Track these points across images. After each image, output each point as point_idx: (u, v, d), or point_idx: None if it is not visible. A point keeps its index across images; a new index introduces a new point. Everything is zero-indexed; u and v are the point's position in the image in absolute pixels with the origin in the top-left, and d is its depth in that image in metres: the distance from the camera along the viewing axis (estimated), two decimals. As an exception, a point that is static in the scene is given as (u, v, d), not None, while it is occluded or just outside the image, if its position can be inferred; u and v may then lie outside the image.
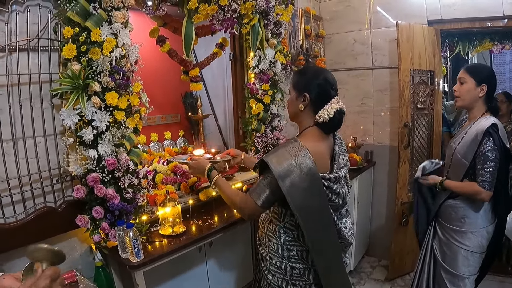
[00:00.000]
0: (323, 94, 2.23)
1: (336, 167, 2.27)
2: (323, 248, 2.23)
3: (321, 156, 2.19)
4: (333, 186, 2.18)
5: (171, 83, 4.54)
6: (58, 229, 2.45)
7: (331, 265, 2.30)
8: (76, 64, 2.23)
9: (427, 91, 4.73)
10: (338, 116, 2.20)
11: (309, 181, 2.08)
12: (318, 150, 2.19)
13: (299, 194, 2.08)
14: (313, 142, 2.22)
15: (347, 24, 5.30)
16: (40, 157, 2.38)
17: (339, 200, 2.23)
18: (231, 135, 4.35)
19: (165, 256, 2.54)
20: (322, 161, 2.18)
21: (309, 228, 2.15)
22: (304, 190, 2.08)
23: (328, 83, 2.26)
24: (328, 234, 2.23)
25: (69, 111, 2.23)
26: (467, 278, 3.02)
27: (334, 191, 2.18)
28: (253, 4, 3.13)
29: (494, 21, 4.44)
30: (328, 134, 2.31)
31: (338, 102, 2.21)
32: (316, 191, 2.12)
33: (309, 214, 2.13)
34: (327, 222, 2.20)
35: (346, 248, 2.46)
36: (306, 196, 2.10)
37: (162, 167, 3.39)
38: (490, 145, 2.76)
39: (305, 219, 2.13)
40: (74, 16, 2.19)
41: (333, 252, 2.29)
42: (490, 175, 2.77)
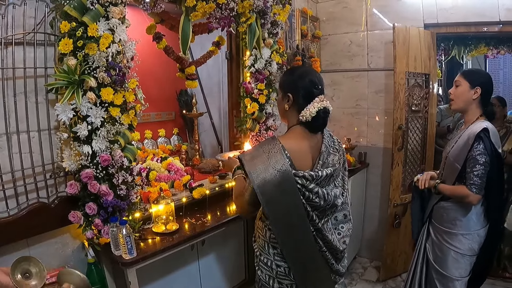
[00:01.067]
0: (306, 94, 2.23)
1: (319, 165, 2.25)
2: (292, 247, 2.23)
3: (299, 154, 2.20)
4: (309, 185, 2.14)
5: (166, 80, 4.55)
6: (50, 225, 2.44)
7: (303, 265, 2.28)
8: (72, 59, 2.22)
9: (422, 94, 4.74)
10: (322, 115, 2.21)
11: (281, 177, 2.09)
12: (296, 148, 2.20)
13: (269, 190, 2.09)
14: (292, 140, 2.24)
15: (344, 25, 5.30)
16: (34, 152, 2.36)
17: (320, 201, 2.17)
18: (225, 133, 4.35)
19: (158, 253, 2.53)
20: (300, 159, 2.20)
21: (277, 224, 2.18)
22: (275, 186, 2.09)
23: (312, 83, 2.25)
24: (298, 233, 2.20)
25: (64, 106, 2.22)
26: (457, 280, 3.02)
27: (311, 190, 2.14)
28: (250, 3, 3.13)
29: (490, 26, 4.45)
30: (313, 133, 2.29)
31: (322, 101, 2.21)
32: (288, 187, 2.11)
33: (278, 211, 2.15)
34: (298, 221, 2.17)
35: (337, 255, 2.39)
36: (277, 192, 2.10)
37: (156, 165, 3.39)
38: (480, 149, 2.78)
39: (275, 217, 2.15)
40: (71, 11, 2.17)
41: (305, 252, 2.25)
42: (478, 178, 2.78)
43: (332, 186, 2.32)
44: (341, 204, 2.38)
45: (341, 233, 2.38)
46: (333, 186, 2.32)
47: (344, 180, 2.44)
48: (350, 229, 2.44)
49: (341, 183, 2.39)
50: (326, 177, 2.23)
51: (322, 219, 2.28)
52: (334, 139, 2.44)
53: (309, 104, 2.20)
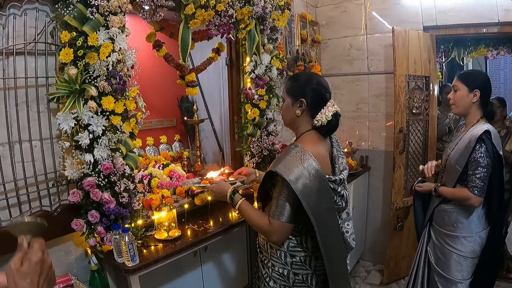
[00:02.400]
0: (319, 98, 2.26)
1: (338, 169, 2.30)
2: (333, 253, 2.24)
3: (323, 159, 2.22)
4: (338, 188, 2.21)
5: (167, 88, 4.55)
6: (53, 233, 2.44)
7: (339, 270, 2.31)
8: (73, 68, 2.23)
9: (422, 96, 4.75)
10: (335, 119, 2.24)
11: (319, 183, 2.11)
12: (319, 153, 2.21)
13: (312, 196, 2.09)
14: (314, 145, 2.24)
15: (343, 29, 5.32)
16: (36, 161, 2.37)
17: (342, 203, 2.26)
18: (226, 139, 4.35)
19: (161, 260, 2.54)
20: (324, 164, 2.21)
21: (321, 232, 2.13)
22: (315, 192, 2.10)
23: (323, 87, 2.28)
24: (337, 237, 2.27)
25: (65, 115, 2.23)
26: (459, 282, 3.02)
27: (339, 193, 2.22)
28: (249, 9, 3.14)
29: (489, 27, 4.47)
30: (325, 137, 2.34)
31: (334, 105, 2.25)
32: (326, 192, 2.15)
33: (322, 217, 2.14)
34: (336, 225, 2.24)
35: (347, 253, 2.47)
36: (318, 198, 2.12)
37: (158, 172, 3.39)
38: (482, 152, 2.78)
39: (319, 222, 2.11)
40: (71, 21, 2.19)
41: (341, 256, 2.32)
42: (480, 181, 2.79)
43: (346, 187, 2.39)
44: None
45: (348, 230, 2.43)
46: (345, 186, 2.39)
47: (346, 181, 2.44)
48: (353, 226, 2.50)
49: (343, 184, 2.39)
50: (345, 180, 2.33)
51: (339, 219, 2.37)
52: (339, 143, 2.50)
53: (323, 108, 2.22)
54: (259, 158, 3.81)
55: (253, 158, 3.81)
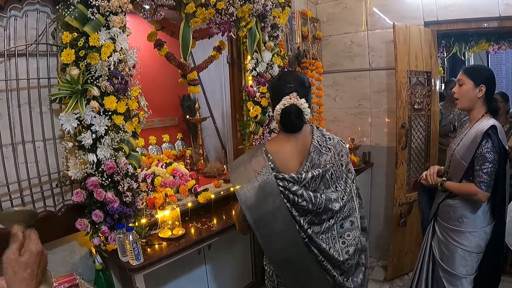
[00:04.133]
0: (276, 94, 2.19)
1: (307, 167, 2.12)
2: (279, 256, 2.15)
3: (282, 156, 2.14)
4: (292, 187, 2.03)
5: (169, 86, 4.57)
6: (58, 233, 2.46)
7: (295, 276, 2.16)
8: (74, 69, 2.24)
9: (424, 92, 4.74)
10: (291, 112, 2.09)
11: (261, 180, 2.05)
12: (278, 151, 2.16)
13: (251, 194, 2.06)
14: (275, 143, 2.22)
15: (344, 25, 5.31)
16: (39, 162, 2.38)
17: (307, 204, 2.03)
18: (229, 137, 4.35)
19: (165, 259, 2.55)
20: (284, 162, 2.14)
21: (259, 229, 2.08)
22: (256, 189, 2.05)
23: (283, 82, 2.20)
24: (284, 239, 2.08)
25: (68, 116, 2.24)
26: (464, 277, 3.02)
27: (295, 192, 2.03)
28: (250, 7, 3.14)
29: (490, 21, 4.45)
30: (291, 132, 2.18)
31: (291, 98, 2.09)
32: (269, 190, 2.04)
33: (260, 216, 2.06)
34: (283, 226, 2.05)
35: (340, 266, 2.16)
36: (258, 196, 2.05)
37: (161, 170, 3.40)
38: (488, 147, 2.77)
39: (256, 222, 2.07)
40: (73, 21, 2.20)
41: (295, 261, 2.13)
42: (487, 176, 2.78)
43: (332, 190, 2.17)
44: (347, 209, 2.20)
45: (345, 241, 2.17)
46: (333, 189, 2.17)
47: (348, 183, 2.25)
48: (357, 237, 2.20)
49: (343, 186, 2.21)
50: (314, 179, 2.10)
51: (319, 225, 2.13)
52: (328, 138, 2.27)
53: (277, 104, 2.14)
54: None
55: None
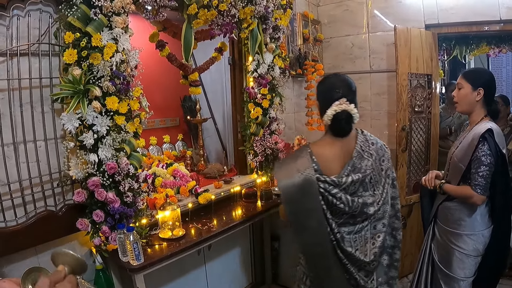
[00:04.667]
0: (326, 99, 2.22)
1: (347, 171, 2.20)
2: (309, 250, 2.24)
3: (326, 159, 2.21)
4: (332, 190, 2.12)
5: (170, 87, 4.57)
6: (58, 232, 2.46)
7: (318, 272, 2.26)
8: (77, 69, 2.25)
9: (425, 94, 4.74)
10: (342, 118, 2.16)
11: (303, 180, 2.11)
12: (323, 153, 2.22)
13: (291, 191, 2.14)
14: (321, 146, 2.27)
15: (345, 28, 5.31)
16: (40, 161, 2.39)
17: (344, 207, 2.13)
18: (229, 138, 4.35)
19: (165, 259, 2.56)
20: (327, 164, 2.20)
21: (295, 224, 2.20)
22: (297, 187, 2.12)
23: (332, 87, 2.24)
24: (315, 236, 2.17)
25: (69, 116, 2.25)
26: (461, 280, 3.02)
27: (334, 195, 2.12)
28: (252, 9, 3.15)
29: (491, 25, 4.46)
30: (339, 137, 2.24)
31: (341, 104, 2.15)
32: (309, 190, 2.12)
33: (297, 211, 2.18)
34: (316, 224, 2.15)
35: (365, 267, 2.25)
36: (298, 194, 2.13)
37: (162, 171, 3.40)
38: (484, 150, 2.78)
39: (293, 216, 2.19)
40: (75, 21, 2.21)
41: (321, 258, 2.20)
42: (483, 179, 2.79)
43: (370, 193, 2.25)
44: (381, 212, 2.28)
45: (375, 242, 2.26)
46: (370, 192, 2.26)
47: (385, 188, 2.31)
48: (385, 239, 2.32)
49: (381, 190, 2.29)
50: (353, 183, 2.18)
51: (354, 225, 2.24)
52: (371, 143, 2.33)
53: (328, 109, 2.17)
54: (262, 157, 3.83)
55: (256, 157, 3.83)
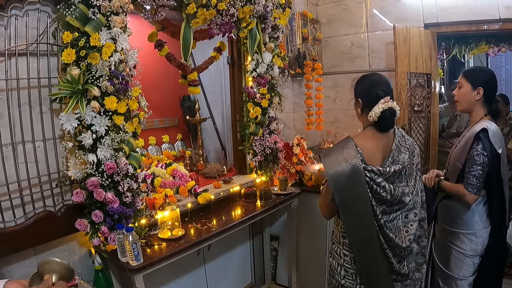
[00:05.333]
0: (372, 97, 2.36)
1: (388, 162, 2.36)
2: (356, 235, 2.37)
3: (370, 151, 2.35)
4: (377, 179, 2.27)
5: (169, 87, 4.56)
6: (57, 233, 2.45)
7: (366, 256, 2.39)
8: (75, 68, 2.24)
9: (424, 93, 4.75)
10: (388, 115, 2.32)
11: (351, 169, 2.25)
12: (367, 146, 2.36)
13: (341, 180, 2.27)
14: (363, 139, 2.41)
15: (344, 27, 5.31)
16: (39, 161, 2.38)
17: (386, 195, 2.28)
18: (229, 138, 4.35)
19: (164, 259, 2.55)
20: (371, 156, 2.34)
21: (345, 213, 2.32)
22: (345, 176, 2.26)
23: (376, 86, 2.39)
24: (363, 222, 2.31)
25: (68, 116, 2.24)
26: (459, 279, 3.01)
27: (379, 184, 2.27)
28: (251, 8, 3.15)
29: (490, 24, 4.46)
30: (383, 132, 2.41)
31: (387, 102, 2.31)
32: (357, 179, 2.25)
33: (346, 199, 2.29)
34: (364, 211, 2.29)
35: (401, 252, 2.43)
36: (347, 183, 2.26)
37: (161, 171, 3.39)
38: (478, 150, 2.80)
39: (342, 203, 2.29)
40: (73, 21, 2.20)
41: (368, 243, 2.35)
42: (475, 178, 2.80)
43: (404, 184, 2.41)
44: (412, 202, 2.44)
45: (408, 230, 2.43)
46: (404, 184, 2.42)
47: (417, 180, 2.49)
48: (418, 228, 2.47)
49: (413, 182, 2.46)
50: (394, 173, 2.33)
51: (389, 214, 2.38)
52: (406, 139, 2.52)
53: (375, 105, 2.33)
54: (262, 156, 3.83)
55: (255, 157, 3.83)
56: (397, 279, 2.47)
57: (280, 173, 3.99)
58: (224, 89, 4.30)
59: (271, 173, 3.96)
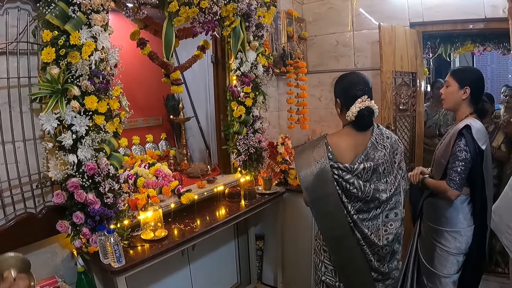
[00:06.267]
0: (348, 96, 2.43)
1: (360, 159, 2.39)
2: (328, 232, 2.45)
3: (342, 149, 2.41)
4: (345, 176, 2.32)
5: (152, 86, 4.53)
6: (39, 235, 2.42)
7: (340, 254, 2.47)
8: (55, 68, 2.21)
9: (409, 92, 4.76)
10: (365, 114, 2.37)
11: (319, 168, 2.35)
12: (340, 143, 2.43)
13: (309, 178, 2.37)
14: (338, 137, 2.48)
15: (330, 26, 5.30)
16: (19, 162, 2.34)
17: (357, 192, 2.32)
18: (213, 137, 4.34)
19: (147, 260, 2.53)
20: (342, 153, 2.40)
21: (315, 208, 2.42)
22: (313, 175, 2.35)
23: (354, 85, 2.45)
24: (334, 219, 2.37)
25: (48, 116, 2.21)
26: (443, 277, 3.03)
27: (347, 180, 2.32)
28: (234, 6, 3.13)
29: (476, 23, 4.48)
30: (360, 131, 2.45)
31: (364, 101, 2.37)
32: (325, 177, 2.33)
33: (316, 197, 2.38)
34: (334, 209, 2.35)
35: (379, 251, 2.45)
36: (315, 180, 2.35)
37: (144, 171, 3.37)
38: (460, 146, 2.83)
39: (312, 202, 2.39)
40: (53, 19, 2.17)
41: (341, 240, 2.41)
42: (457, 174, 2.83)
43: (383, 182, 2.45)
44: (393, 201, 2.48)
45: (387, 230, 2.45)
46: (383, 181, 2.45)
47: (397, 179, 2.51)
48: (398, 227, 2.48)
49: (393, 180, 2.48)
50: (366, 170, 2.38)
51: (368, 212, 2.41)
52: (386, 137, 2.54)
53: (352, 105, 2.38)
54: (246, 156, 3.82)
55: (239, 156, 3.81)
56: (378, 279, 2.51)
57: (265, 172, 3.98)
58: (208, 88, 4.29)
59: (256, 172, 3.95)
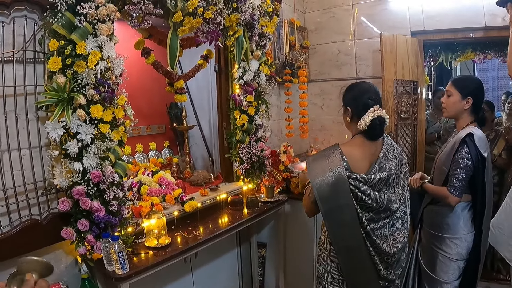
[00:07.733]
0: (362, 106, 2.42)
1: (374, 169, 2.38)
2: (342, 243, 2.40)
3: (356, 159, 2.39)
4: (362, 187, 2.29)
5: (156, 94, 4.56)
6: (43, 241, 2.43)
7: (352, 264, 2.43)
8: (61, 76, 2.23)
9: (411, 100, 4.77)
10: (377, 123, 2.36)
11: (336, 178, 2.30)
12: (353, 153, 2.40)
13: (325, 189, 2.32)
14: (351, 146, 2.46)
15: (332, 34, 5.33)
16: (25, 170, 2.36)
17: (372, 202, 2.30)
18: (215, 146, 4.35)
19: (151, 268, 2.54)
20: (356, 163, 2.38)
21: (329, 220, 2.38)
22: (329, 185, 2.31)
23: (365, 94, 2.44)
24: (349, 231, 2.35)
25: (54, 124, 2.23)
26: (445, 283, 3.05)
27: (364, 191, 2.28)
28: (237, 16, 3.16)
29: (476, 31, 4.50)
30: (372, 140, 2.45)
31: (376, 111, 2.37)
32: (341, 187, 2.29)
33: (331, 208, 2.34)
34: (349, 220, 2.32)
35: (388, 260, 2.44)
36: (331, 191, 2.31)
37: (147, 179, 3.38)
38: (463, 153, 2.86)
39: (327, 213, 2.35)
40: (60, 29, 2.19)
41: (354, 251, 2.38)
42: (458, 181, 2.86)
43: (391, 192, 2.44)
44: (399, 212, 2.46)
45: (395, 239, 2.45)
46: (392, 191, 2.44)
47: (404, 189, 2.52)
48: (406, 237, 2.49)
49: (400, 190, 2.48)
50: (380, 181, 2.36)
51: (377, 222, 2.39)
52: (395, 147, 2.56)
53: (365, 114, 2.38)
54: (248, 164, 3.83)
55: (242, 164, 3.83)
56: (384, 286, 2.49)
57: (267, 180, 3.99)
58: (211, 96, 4.31)
59: (258, 180, 3.96)
